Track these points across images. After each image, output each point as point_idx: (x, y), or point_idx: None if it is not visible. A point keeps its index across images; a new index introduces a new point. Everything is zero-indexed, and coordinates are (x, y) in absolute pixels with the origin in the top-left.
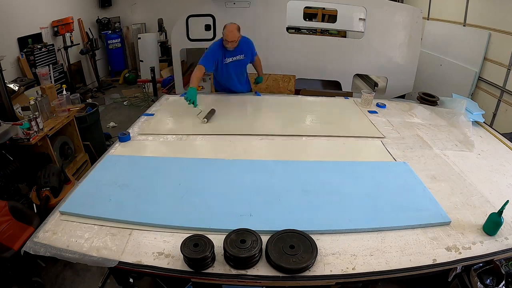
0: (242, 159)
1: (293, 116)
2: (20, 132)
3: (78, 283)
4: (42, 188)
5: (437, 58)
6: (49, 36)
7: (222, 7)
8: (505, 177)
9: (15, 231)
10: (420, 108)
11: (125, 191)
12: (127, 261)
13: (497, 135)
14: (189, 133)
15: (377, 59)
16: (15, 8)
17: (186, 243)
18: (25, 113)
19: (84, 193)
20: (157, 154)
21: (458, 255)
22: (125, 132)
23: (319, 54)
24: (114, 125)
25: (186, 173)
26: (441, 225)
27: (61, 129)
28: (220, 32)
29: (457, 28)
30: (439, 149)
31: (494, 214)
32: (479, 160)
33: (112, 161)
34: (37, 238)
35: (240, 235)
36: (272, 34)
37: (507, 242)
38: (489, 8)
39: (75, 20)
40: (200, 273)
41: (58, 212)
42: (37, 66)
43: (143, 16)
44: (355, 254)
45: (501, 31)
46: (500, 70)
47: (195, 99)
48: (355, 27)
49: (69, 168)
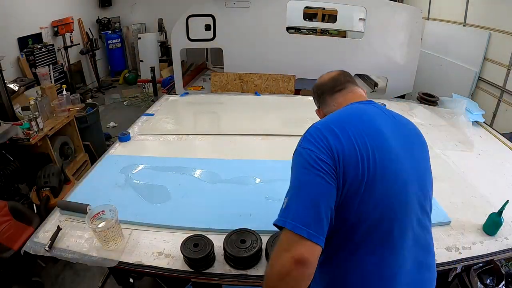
0: (242, 159)
1: (293, 116)
2: (20, 132)
3: (78, 283)
4: (42, 188)
5: (437, 58)
6: (49, 36)
7: (222, 7)
8: (505, 177)
9: (15, 231)
10: (420, 108)
11: (125, 191)
12: (127, 261)
13: (497, 135)
14: (189, 133)
15: (377, 59)
16: (15, 8)
17: (186, 243)
18: (25, 113)
19: (84, 193)
20: (157, 154)
21: (458, 255)
22: (125, 132)
23: (319, 54)
24: (114, 125)
25: (186, 173)
26: (441, 225)
27: (61, 129)
28: (220, 32)
29: (457, 28)
30: (439, 149)
31: (494, 214)
32: (479, 160)
33: (112, 161)
34: (37, 238)
35: (240, 235)
36: (272, 34)
37: (507, 242)
38: (489, 8)
39: (75, 20)
40: (200, 273)
41: (58, 212)
42: (37, 66)
43: (143, 16)
44: None
45: (501, 31)
46: (500, 70)
47: None
48: (355, 27)
49: (69, 168)
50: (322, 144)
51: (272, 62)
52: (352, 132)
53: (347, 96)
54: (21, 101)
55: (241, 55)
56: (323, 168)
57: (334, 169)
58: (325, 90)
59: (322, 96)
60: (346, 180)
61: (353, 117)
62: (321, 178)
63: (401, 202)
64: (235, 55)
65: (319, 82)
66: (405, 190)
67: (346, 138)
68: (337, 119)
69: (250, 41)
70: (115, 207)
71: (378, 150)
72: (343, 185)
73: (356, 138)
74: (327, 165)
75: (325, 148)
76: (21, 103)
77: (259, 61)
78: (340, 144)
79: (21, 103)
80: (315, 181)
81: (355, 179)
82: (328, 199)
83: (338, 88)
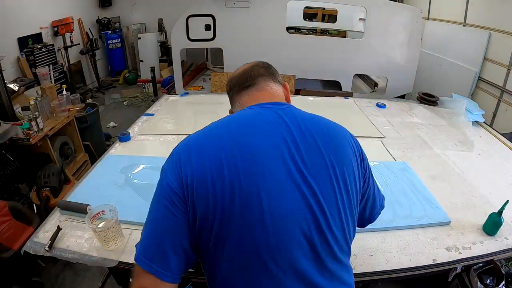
0: None
1: None
2: (20, 132)
3: (78, 283)
4: (42, 188)
5: (437, 58)
6: (49, 36)
7: (222, 7)
8: (505, 177)
9: (15, 231)
10: (420, 108)
11: (125, 191)
12: (127, 261)
13: (497, 135)
14: (189, 133)
15: (377, 59)
16: (15, 8)
17: None
18: (25, 113)
19: (84, 193)
20: (157, 154)
21: (458, 255)
22: (125, 132)
23: (319, 54)
24: (114, 125)
25: None
26: (441, 225)
27: (61, 129)
28: (220, 32)
29: (457, 28)
30: (439, 149)
31: (494, 214)
32: (479, 160)
33: (112, 161)
34: (37, 238)
35: None
36: (272, 34)
37: (507, 242)
38: (489, 8)
39: (75, 20)
40: (200, 273)
41: (58, 212)
42: (37, 66)
43: (143, 16)
44: (355, 254)
45: (501, 31)
46: (500, 70)
47: None
48: (355, 27)
49: (69, 168)
50: (176, 169)
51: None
52: (209, 155)
53: (252, 95)
54: (21, 101)
55: (241, 55)
56: (172, 199)
57: (183, 200)
58: (233, 86)
59: (231, 93)
60: (196, 213)
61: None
62: (169, 212)
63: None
64: (235, 55)
65: (230, 76)
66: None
67: (198, 162)
68: (202, 134)
69: (250, 41)
70: (115, 207)
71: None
72: (195, 219)
73: (212, 164)
74: (176, 196)
75: (178, 174)
76: (21, 103)
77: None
78: (190, 169)
79: (21, 103)
80: (163, 214)
81: (205, 212)
82: (176, 234)
83: (246, 84)
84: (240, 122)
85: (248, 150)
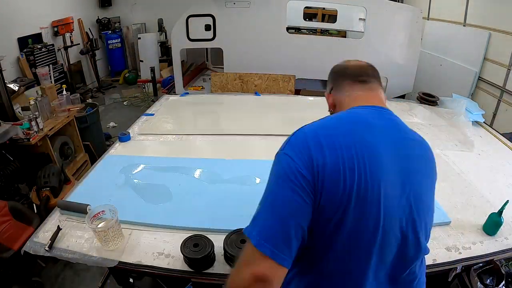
0: (242, 159)
1: (293, 116)
2: (20, 132)
3: (78, 283)
4: (42, 188)
5: (437, 58)
6: (49, 36)
7: (222, 7)
8: (505, 177)
9: (15, 231)
10: (420, 108)
11: (125, 191)
12: (127, 261)
13: (497, 135)
14: (189, 133)
15: (377, 59)
16: (15, 8)
17: (186, 243)
18: (25, 113)
19: (84, 193)
20: (157, 154)
21: (458, 255)
22: (125, 132)
23: (319, 54)
24: (114, 125)
25: (186, 173)
26: (441, 225)
27: (61, 129)
28: (220, 32)
29: (457, 28)
30: (439, 149)
31: (494, 214)
32: (479, 160)
33: (112, 161)
34: (37, 238)
35: (240, 235)
36: (272, 34)
37: (507, 242)
38: (489, 8)
39: (75, 20)
40: (200, 273)
41: (58, 212)
42: (37, 66)
43: (143, 16)
44: None
45: (501, 31)
46: (500, 70)
47: None
48: (355, 27)
49: (69, 168)
50: (305, 156)
51: (272, 62)
52: (341, 146)
53: (366, 93)
54: (21, 101)
55: (241, 55)
56: (301, 183)
57: (312, 185)
58: (347, 74)
59: (341, 79)
60: (321, 199)
61: (350, 128)
62: (297, 195)
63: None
64: (235, 55)
65: (343, 64)
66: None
67: (331, 151)
68: (329, 126)
69: (250, 41)
70: (115, 207)
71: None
72: (319, 205)
73: (344, 155)
74: (305, 179)
75: (307, 160)
76: (21, 103)
77: (259, 61)
78: (322, 156)
79: (21, 103)
80: (290, 197)
81: (332, 199)
82: (301, 219)
83: (362, 78)
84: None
85: (372, 148)
